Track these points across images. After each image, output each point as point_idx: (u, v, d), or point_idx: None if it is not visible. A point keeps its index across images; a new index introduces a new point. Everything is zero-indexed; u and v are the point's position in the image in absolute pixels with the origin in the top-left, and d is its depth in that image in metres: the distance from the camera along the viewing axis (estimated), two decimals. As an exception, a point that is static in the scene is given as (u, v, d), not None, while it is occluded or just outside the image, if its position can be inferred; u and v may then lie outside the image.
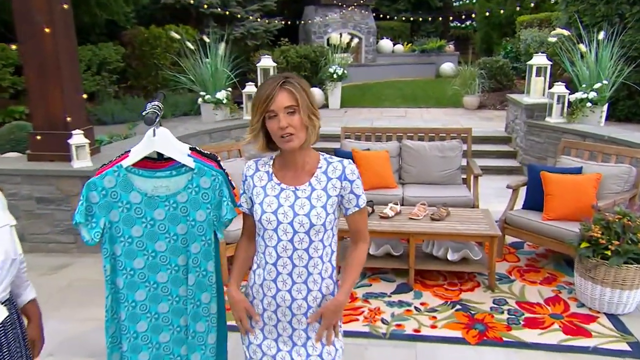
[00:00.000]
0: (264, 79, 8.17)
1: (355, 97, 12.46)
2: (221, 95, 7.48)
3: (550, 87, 7.01)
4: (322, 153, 1.92)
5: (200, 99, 7.65)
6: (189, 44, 7.95)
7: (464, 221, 4.33)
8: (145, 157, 2.02)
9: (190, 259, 2.04)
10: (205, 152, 2.19)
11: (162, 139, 1.99)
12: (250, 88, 7.43)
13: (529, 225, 4.41)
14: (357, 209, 1.89)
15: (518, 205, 4.81)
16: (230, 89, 7.79)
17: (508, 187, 4.83)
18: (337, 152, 5.33)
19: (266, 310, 1.93)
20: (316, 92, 11.39)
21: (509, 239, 4.90)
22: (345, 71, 11.23)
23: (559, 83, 6.70)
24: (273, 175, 1.90)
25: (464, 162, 5.45)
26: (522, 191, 4.85)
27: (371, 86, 14.12)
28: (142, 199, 1.99)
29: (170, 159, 2.11)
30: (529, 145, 7.14)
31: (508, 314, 3.77)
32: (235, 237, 4.16)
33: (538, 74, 7.17)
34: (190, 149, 2.14)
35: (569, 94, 6.72)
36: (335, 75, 11.08)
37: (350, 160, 1.89)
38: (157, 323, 2.09)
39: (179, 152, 2.03)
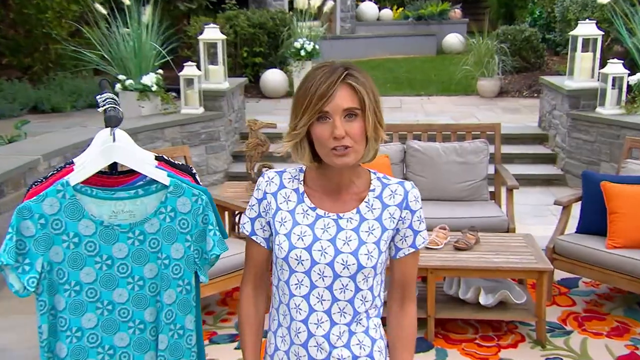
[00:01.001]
0: (208, 58, 8.27)
1: (329, 82, 12.57)
2: (149, 79, 7.46)
3: (602, 67, 7.26)
4: (374, 171, 1.95)
5: (118, 86, 7.60)
6: (99, 7, 7.90)
7: (500, 251, 4.43)
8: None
9: (161, 313, 2.03)
10: (176, 162, 2.20)
11: (125, 146, 1.99)
12: (190, 70, 7.44)
13: (588, 256, 4.55)
14: (412, 250, 1.92)
15: (569, 228, 4.94)
16: (161, 71, 7.77)
17: (557, 203, 4.97)
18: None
19: None
20: (276, 75, 11.47)
21: (558, 274, 5.03)
22: (317, 46, 11.35)
23: (614, 60, 6.94)
24: (305, 195, 1.92)
25: (489, 170, 5.57)
26: (574, 209, 4.98)
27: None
28: (96, 229, 1.98)
29: (131, 172, 2.10)
30: (574, 146, 7.36)
31: (569, 378, 3.86)
32: (222, 267, 4.15)
33: (585, 49, 7.42)
34: (156, 158, 2.14)
35: (629, 74, 6.96)
36: (302, 52, 11.19)
37: (412, 183, 1.92)
38: None
39: (145, 163, 2.03)
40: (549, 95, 8.23)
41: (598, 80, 7.27)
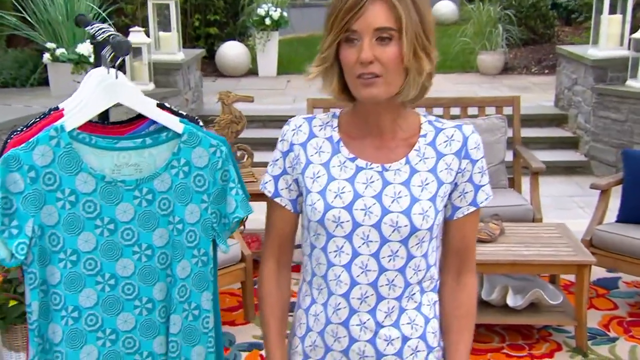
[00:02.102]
0: (157, 25, 8.22)
1: (300, 58, 12.57)
2: (85, 48, 7.38)
3: (633, 31, 7.41)
4: (424, 113, 1.96)
5: (46, 56, 7.51)
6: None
7: (530, 242, 4.50)
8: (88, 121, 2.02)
9: (174, 289, 2.03)
10: (180, 112, 2.19)
11: (130, 84, 1.99)
12: (137, 37, 7.40)
13: (633, 248, 4.63)
14: (472, 209, 1.92)
15: (607, 218, 5.04)
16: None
17: (594, 187, 5.07)
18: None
19: None
20: (236, 49, 11.46)
21: (594, 273, 5.11)
22: (284, 14, 11.37)
23: (648, 25, 7.09)
24: (342, 144, 1.92)
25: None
26: (613, 197, 5.08)
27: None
28: (96, 185, 1.96)
29: (129, 122, 2.10)
30: (601, 127, 7.50)
31: (620, 391, 3.92)
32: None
33: (612, 10, 7.55)
34: (158, 105, 2.14)
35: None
36: (267, 21, 11.20)
37: (473, 127, 1.91)
38: None
39: (153, 106, 2.03)
40: (568, 67, 8.38)
41: (628, 47, 7.41)
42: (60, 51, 7.47)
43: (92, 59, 7.20)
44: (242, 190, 2.07)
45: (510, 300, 4.40)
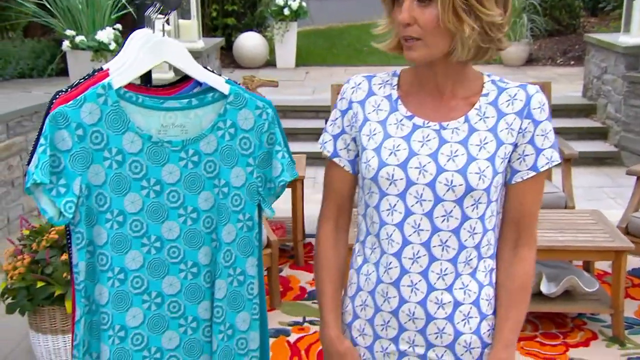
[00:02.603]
0: (179, 11, 8.23)
1: (318, 50, 12.65)
2: (105, 36, 7.43)
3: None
4: (488, 73, 1.93)
5: (65, 44, 7.56)
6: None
7: (565, 229, 4.50)
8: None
9: (219, 254, 2.05)
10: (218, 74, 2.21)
11: (174, 44, 2.00)
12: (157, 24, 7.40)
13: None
14: (531, 174, 1.86)
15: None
16: (119, 25, 7.75)
17: (630, 173, 5.06)
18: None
19: (380, 338, 1.95)
20: (254, 40, 11.47)
21: (630, 262, 5.09)
22: (304, 4, 11.38)
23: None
24: (400, 102, 1.92)
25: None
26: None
27: (343, 31, 14.35)
28: (143, 145, 1.98)
29: (172, 85, 2.12)
30: (632, 116, 7.48)
31: (660, 380, 3.92)
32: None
33: (645, -4, 7.54)
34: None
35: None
36: (286, 12, 11.21)
37: (538, 87, 1.87)
38: None
39: (197, 66, 2.05)
40: (598, 56, 8.35)
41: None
42: (79, 39, 7.51)
43: (112, 47, 7.30)
44: (288, 154, 2.08)
45: (544, 288, 4.39)
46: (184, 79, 2.15)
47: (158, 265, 2.05)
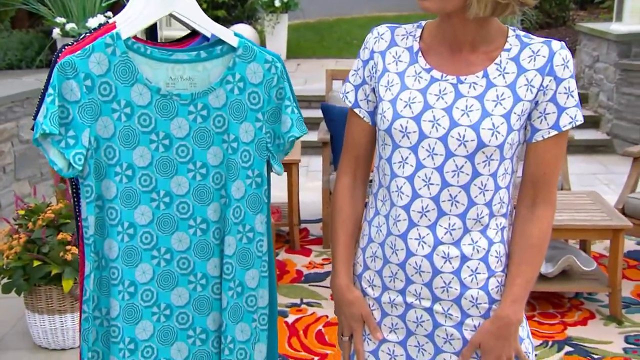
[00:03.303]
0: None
1: (310, 44, 12.64)
2: (96, 23, 7.37)
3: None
4: (513, 27, 1.90)
5: (56, 31, 7.50)
6: None
7: (562, 209, 4.49)
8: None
9: (228, 210, 2.03)
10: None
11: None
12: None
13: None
14: (553, 133, 1.82)
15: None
16: (110, 13, 7.70)
17: (625, 154, 5.07)
18: (326, 111, 5.40)
19: (388, 289, 1.94)
20: (245, 32, 11.44)
21: (626, 245, 5.10)
22: (295, -5, 11.38)
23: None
24: (420, 54, 1.89)
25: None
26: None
27: (333, 25, 14.35)
28: (152, 98, 1.96)
29: (185, 39, 2.11)
30: (625, 104, 7.50)
31: (658, 357, 3.93)
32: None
33: (637, -16, 7.59)
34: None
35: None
36: (277, 3, 11.19)
37: (564, 44, 1.83)
38: (169, 325, 2.07)
39: (206, 18, 2.04)
40: (589, 45, 8.39)
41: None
42: (70, 26, 7.44)
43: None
44: (297, 109, 2.07)
45: (542, 268, 4.37)
46: (191, 34, 2.13)
47: (167, 220, 2.03)
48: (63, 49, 2.01)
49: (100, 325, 2.05)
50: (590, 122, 8.12)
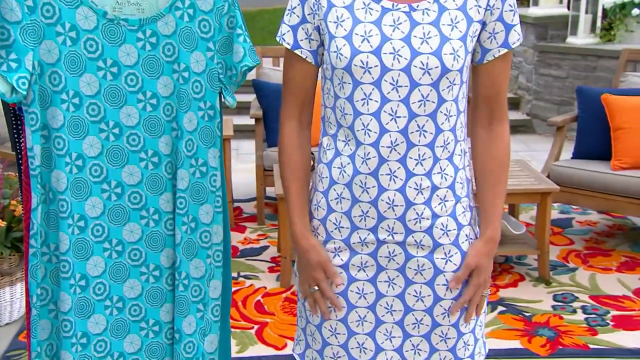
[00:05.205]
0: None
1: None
2: None
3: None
4: None
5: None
6: None
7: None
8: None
9: (180, 142, 1.95)
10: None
11: None
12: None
13: (590, 181, 4.70)
14: (503, 51, 1.85)
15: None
16: None
17: (550, 124, 5.12)
18: (258, 87, 5.33)
19: (358, 229, 1.88)
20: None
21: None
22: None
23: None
24: None
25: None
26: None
27: (256, 15, 14.52)
28: (98, 22, 1.86)
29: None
30: (543, 84, 7.64)
31: (584, 312, 4.00)
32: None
33: (550, -30, 7.74)
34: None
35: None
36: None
37: None
38: (121, 261, 1.99)
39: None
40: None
41: (567, 7, 7.57)
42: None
43: None
44: (249, 39, 1.99)
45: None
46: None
47: (117, 153, 1.94)
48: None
49: (49, 262, 1.95)
50: (511, 104, 8.24)
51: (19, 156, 1.93)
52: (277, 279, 4.33)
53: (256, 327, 3.80)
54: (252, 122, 5.48)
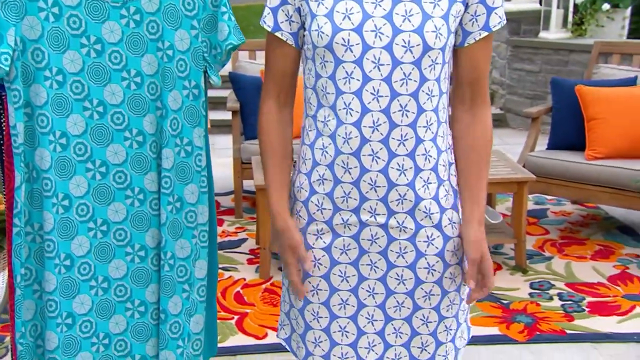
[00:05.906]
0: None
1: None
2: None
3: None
4: None
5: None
6: None
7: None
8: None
9: (165, 121, 1.93)
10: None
11: None
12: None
13: (564, 171, 4.73)
14: (484, 34, 1.83)
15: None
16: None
17: (525, 115, 5.14)
18: (235, 80, 5.31)
19: (340, 210, 1.85)
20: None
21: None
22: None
23: (558, -23, 7.31)
24: None
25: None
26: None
27: (234, 11, 14.50)
28: (81, -1, 1.84)
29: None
30: (516, 79, 7.67)
31: (560, 299, 4.03)
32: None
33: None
34: None
35: (575, -7, 7.38)
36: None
37: None
38: (106, 241, 1.96)
39: None
40: (481, 22, 8.55)
41: (540, 1, 7.63)
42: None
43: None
44: (233, 17, 1.97)
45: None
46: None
47: (101, 131, 1.91)
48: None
49: (33, 242, 1.92)
50: (483, 99, 8.31)
51: (1, 132, 1.89)
52: (257, 270, 4.30)
53: (236, 317, 3.78)
54: (228, 116, 5.44)
